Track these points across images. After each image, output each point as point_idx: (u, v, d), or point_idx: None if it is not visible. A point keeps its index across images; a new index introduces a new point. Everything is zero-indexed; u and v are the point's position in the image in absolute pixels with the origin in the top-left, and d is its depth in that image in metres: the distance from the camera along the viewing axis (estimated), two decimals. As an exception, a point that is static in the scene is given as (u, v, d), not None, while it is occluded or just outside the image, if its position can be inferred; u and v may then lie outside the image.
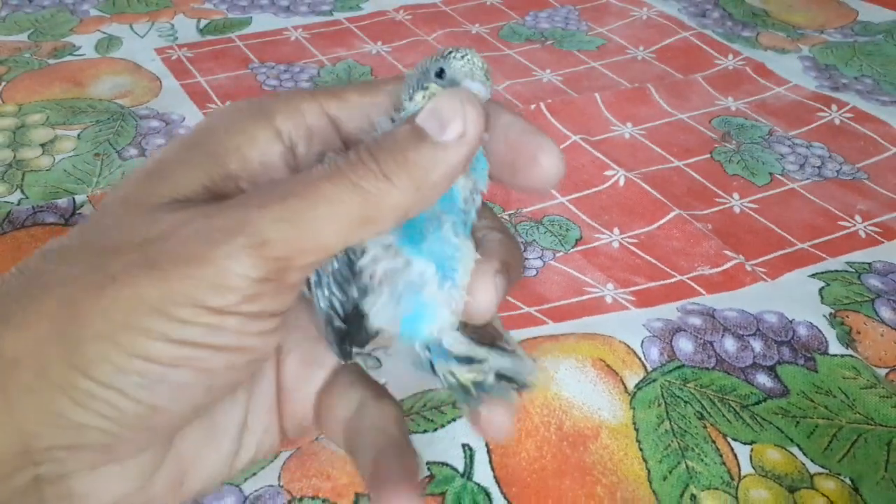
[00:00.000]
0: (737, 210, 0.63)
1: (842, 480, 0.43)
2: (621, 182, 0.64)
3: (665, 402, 0.45)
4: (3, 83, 0.74)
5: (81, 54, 0.79)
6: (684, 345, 0.49)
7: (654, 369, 0.47)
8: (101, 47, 0.80)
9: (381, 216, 0.22)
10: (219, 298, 0.21)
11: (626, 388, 0.46)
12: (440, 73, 0.25)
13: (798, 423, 0.45)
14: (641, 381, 0.46)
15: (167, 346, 0.21)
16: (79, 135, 0.67)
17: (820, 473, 0.43)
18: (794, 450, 0.44)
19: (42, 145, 0.66)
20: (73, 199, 0.58)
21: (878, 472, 0.43)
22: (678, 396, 0.46)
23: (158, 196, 0.23)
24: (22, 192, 0.60)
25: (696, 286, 0.54)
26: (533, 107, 0.72)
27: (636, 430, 0.44)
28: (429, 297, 0.24)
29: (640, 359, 0.47)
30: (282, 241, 0.21)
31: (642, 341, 0.49)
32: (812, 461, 0.44)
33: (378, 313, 0.24)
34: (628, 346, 0.48)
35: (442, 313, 0.24)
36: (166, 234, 0.21)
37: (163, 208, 0.22)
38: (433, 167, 0.22)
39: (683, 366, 0.47)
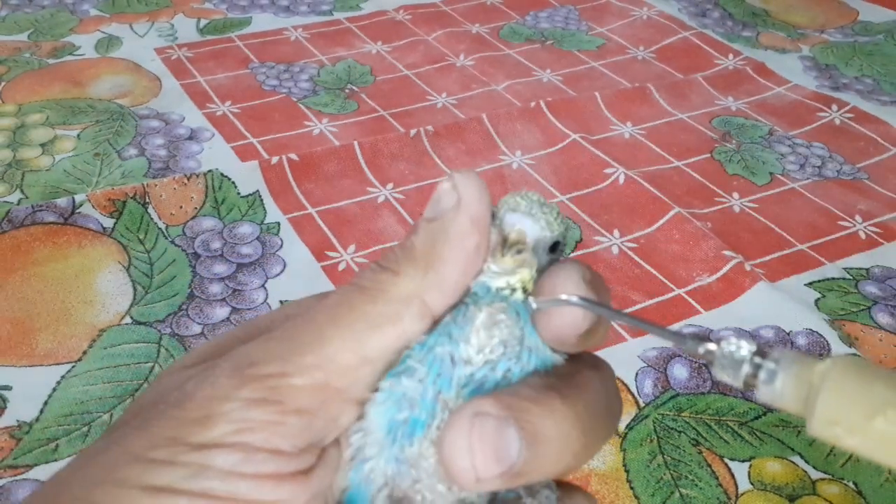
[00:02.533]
0: (736, 209, 0.62)
1: (845, 485, 0.43)
2: (621, 180, 0.64)
3: (657, 437, 0.45)
4: (3, 83, 0.74)
5: (81, 54, 0.79)
6: (679, 372, 0.48)
7: (647, 404, 0.46)
8: (101, 47, 0.80)
9: (394, 311, 0.19)
10: (203, 431, 0.18)
11: (616, 430, 0.45)
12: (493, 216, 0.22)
13: (799, 432, 0.45)
14: (633, 419, 0.46)
15: (141, 497, 0.17)
16: (78, 135, 0.67)
17: (822, 479, 0.43)
18: (796, 459, 0.44)
19: (42, 145, 0.66)
20: (73, 198, 0.57)
21: (882, 474, 0.43)
22: (671, 428, 0.45)
23: (182, 364, 0.21)
24: (21, 191, 0.60)
25: (693, 302, 0.54)
26: (532, 104, 0.72)
27: (626, 471, 0.43)
28: (367, 474, 0.20)
29: (632, 395, 0.47)
30: (272, 358, 0.18)
31: (636, 374, 0.48)
32: (814, 468, 0.43)
33: (341, 479, 0.20)
34: (622, 382, 0.48)
35: (380, 499, 0.20)
36: (172, 388, 0.19)
37: (184, 370, 0.20)
38: (435, 243, 0.20)
39: (678, 395, 0.47)
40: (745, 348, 0.19)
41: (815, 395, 0.17)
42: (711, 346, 0.19)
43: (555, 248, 0.21)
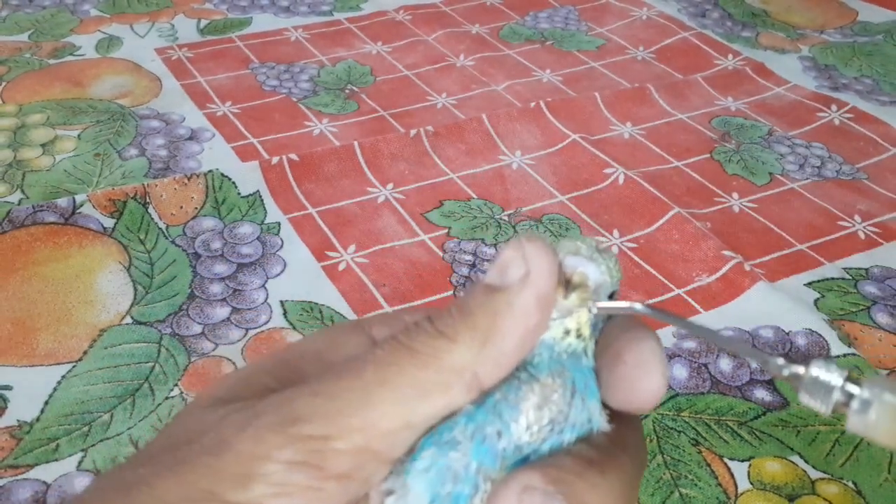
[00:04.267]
0: (736, 209, 0.63)
1: (844, 484, 0.43)
2: (621, 180, 0.64)
3: (657, 437, 0.45)
4: (4, 83, 0.74)
5: (82, 54, 0.79)
6: (678, 372, 0.49)
7: None
8: (102, 47, 0.80)
9: (445, 380, 0.18)
10: (241, 490, 0.17)
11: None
12: None
13: (799, 432, 0.45)
14: None
15: None
16: (79, 135, 0.67)
17: (822, 479, 0.43)
18: (795, 458, 0.44)
19: (42, 145, 0.66)
20: (74, 198, 0.58)
21: (882, 473, 0.43)
22: (671, 428, 0.45)
23: (214, 397, 0.20)
24: (22, 192, 0.60)
25: (693, 303, 0.54)
26: (532, 104, 0.72)
27: None
28: None
29: None
30: (317, 417, 0.18)
31: None
32: (814, 468, 0.44)
33: None
34: None
35: None
36: (206, 429, 0.19)
37: (217, 406, 0.20)
38: (496, 315, 0.19)
39: (677, 395, 0.47)
40: (836, 374, 0.18)
41: None
42: (798, 370, 0.18)
43: (611, 297, 0.21)
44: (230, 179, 0.61)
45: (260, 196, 0.60)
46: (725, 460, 0.44)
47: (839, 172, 0.68)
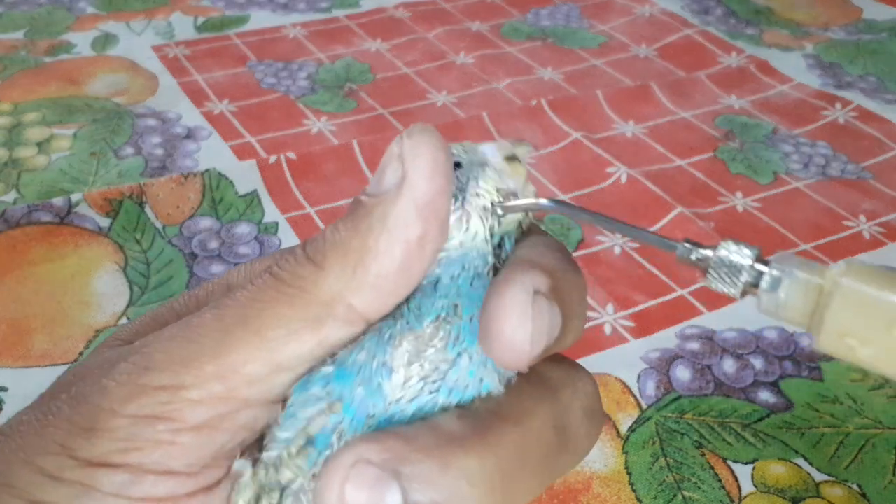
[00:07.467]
0: (740, 209, 0.62)
1: (849, 487, 0.42)
2: (623, 179, 0.64)
3: (660, 439, 0.44)
4: (-1, 81, 0.73)
5: (78, 52, 0.78)
6: (682, 373, 0.48)
7: (650, 406, 0.46)
8: (98, 45, 0.80)
9: (314, 315, 0.16)
10: (88, 446, 0.16)
11: (618, 432, 0.44)
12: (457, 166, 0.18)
13: (803, 434, 0.45)
14: (635, 422, 0.45)
15: None
16: (75, 133, 0.66)
17: (826, 482, 0.42)
18: (799, 461, 0.43)
19: (38, 144, 0.65)
20: (69, 198, 0.57)
21: (887, 476, 0.43)
22: (674, 430, 0.45)
23: (116, 338, 0.19)
24: (17, 191, 0.60)
25: (696, 303, 0.53)
26: (534, 102, 0.72)
27: (629, 474, 0.42)
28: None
29: (634, 396, 0.46)
30: (170, 364, 0.16)
31: (639, 375, 0.47)
32: (818, 470, 0.43)
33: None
34: (624, 384, 0.47)
35: None
36: (79, 378, 0.18)
37: (118, 348, 0.18)
38: (369, 232, 0.16)
39: (680, 397, 0.46)
40: (746, 254, 0.17)
41: (825, 303, 0.15)
42: (707, 252, 0.17)
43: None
44: (227, 178, 0.61)
45: (258, 195, 0.60)
46: (729, 463, 0.43)
47: (844, 171, 0.67)
